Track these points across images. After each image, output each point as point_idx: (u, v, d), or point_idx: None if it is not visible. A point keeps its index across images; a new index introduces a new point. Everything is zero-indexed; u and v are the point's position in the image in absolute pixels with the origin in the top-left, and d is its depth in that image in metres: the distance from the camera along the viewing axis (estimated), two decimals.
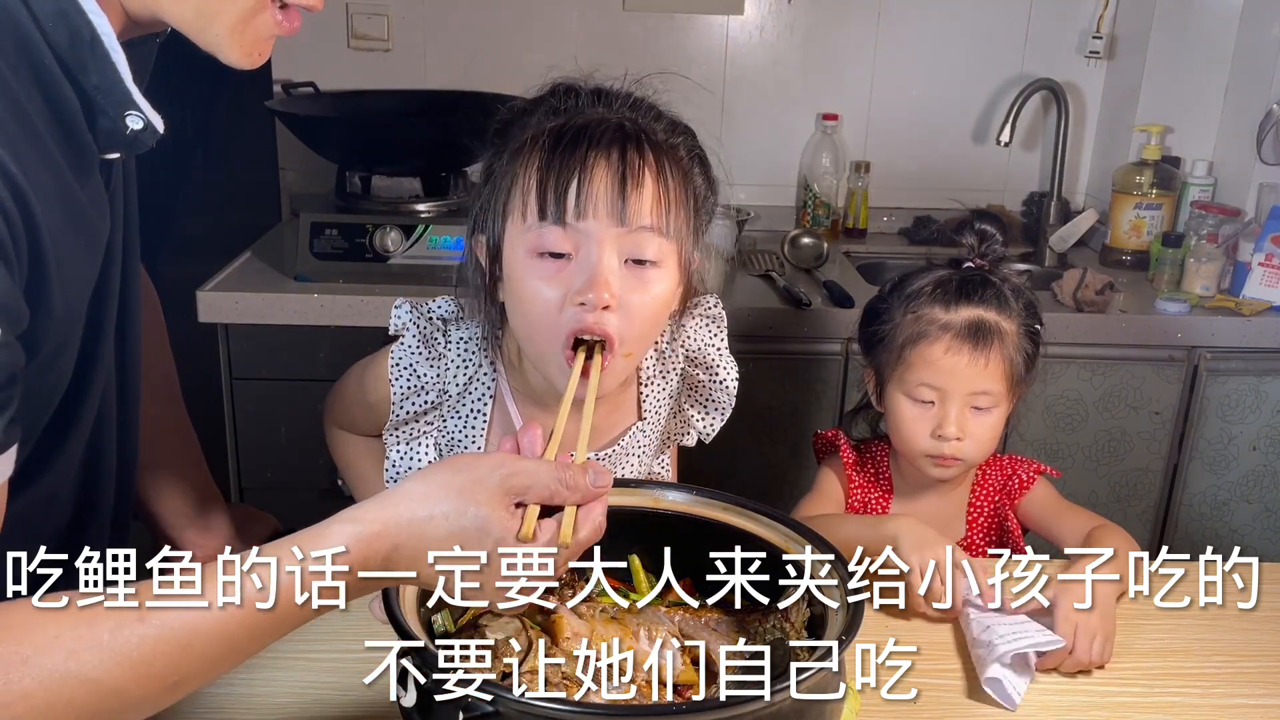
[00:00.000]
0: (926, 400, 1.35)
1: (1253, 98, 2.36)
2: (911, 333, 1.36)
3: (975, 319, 1.34)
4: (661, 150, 1.04)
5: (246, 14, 0.79)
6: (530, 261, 1.02)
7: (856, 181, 2.68)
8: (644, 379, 1.21)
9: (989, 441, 1.36)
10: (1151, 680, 1.12)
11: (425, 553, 0.75)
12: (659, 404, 1.22)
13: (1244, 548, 2.10)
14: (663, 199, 1.02)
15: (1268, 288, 2.22)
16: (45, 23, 0.75)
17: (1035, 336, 1.38)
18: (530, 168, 1.02)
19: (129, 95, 0.80)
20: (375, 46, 2.57)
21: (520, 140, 1.05)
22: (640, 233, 1.01)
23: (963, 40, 2.66)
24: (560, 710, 0.76)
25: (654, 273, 1.04)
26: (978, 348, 1.32)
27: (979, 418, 1.34)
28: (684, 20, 2.63)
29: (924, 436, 1.35)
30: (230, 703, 1.02)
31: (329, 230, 2.13)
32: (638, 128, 1.04)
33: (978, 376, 1.33)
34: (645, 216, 1.01)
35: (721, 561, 0.92)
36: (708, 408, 1.27)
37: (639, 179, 1.01)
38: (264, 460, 2.20)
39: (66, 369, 0.86)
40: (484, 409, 1.17)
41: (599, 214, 1.00)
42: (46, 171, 0.76)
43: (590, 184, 0.99)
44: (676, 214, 1.04)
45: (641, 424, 1.21)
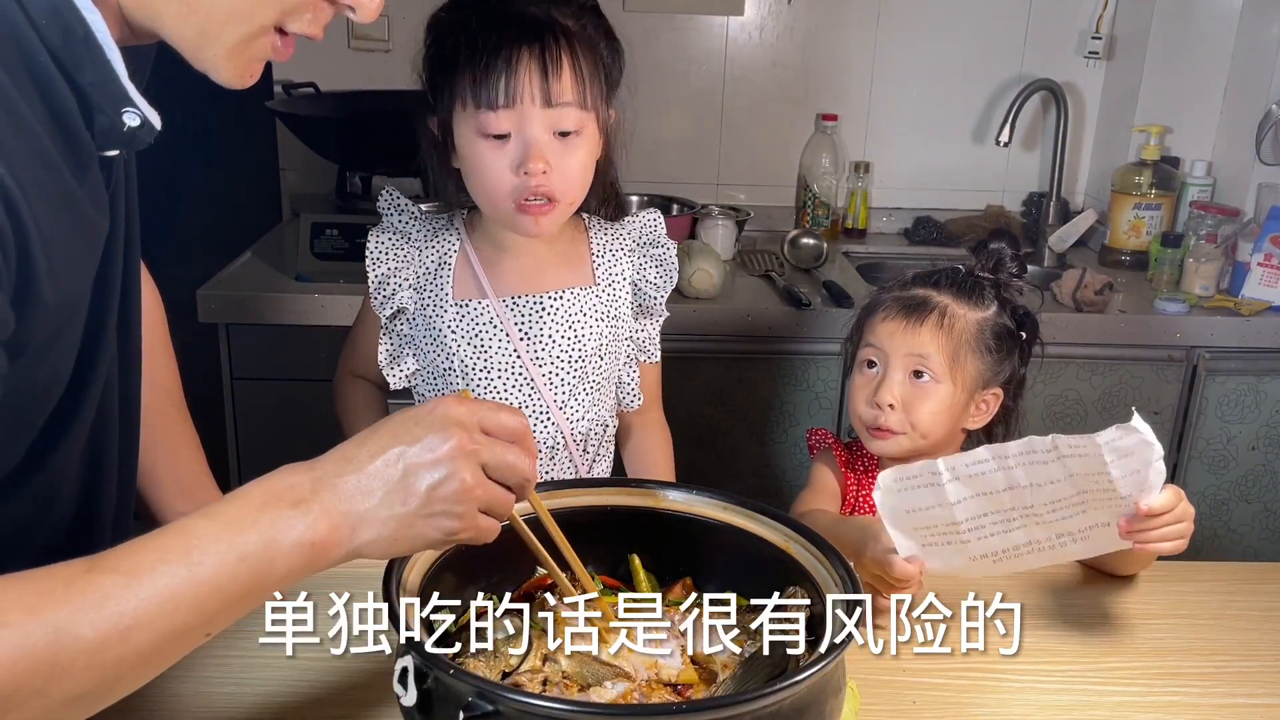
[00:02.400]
0: (870, 367, 1.38)
1: (1252, 98, 2.36)
2: (868, 305, 1.42)
3: (922, 295, 1.38)
4: (572, 35, 1.25)
5: (247, 38, 0.80)
6: (477, 140, 1.26)
7: (856, 181, 2.68)
8: (595, 249, 1.42)
9: (929, 422, 1.35)
10: (1151, 680, 1.12)
11: (352, 469, 0.78)
12: (611, 273, 1.42)
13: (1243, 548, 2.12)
14: (577, 78, 1.24)
15: (1266, 288, 2.22)
16: (39, 20, 0.75)
17: (1010, 340, 1.38)
18: (464, 62, 1.24)
19: (125, 92, 0.80)
20: (375, 47, 2.57)
21: (456, 38, 1.25)
22: (562, 109, 1.24)
23: (962, 40, 2.67)
24: (560, 710, 0.76)
25: (576, 139, 1.27)
26: (912, 314, 1.36)
27: (919, 389, 1.34)
28: (684, 20, 2.63)
29: (864, 404, 1.38)
30: (231, 701, 1.02)
31: (329, 230, 2.13)
32: (551, 19, 1.25)
33: (911, 339, 1.35)
34: (565, 94, 1.24)
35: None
36: (659, 271, 1.45)
37: (557, 64, 1.23)
38: (264, 460, 2.17)
39: (62, 362, 0.86)
40: (449, 260, 1.38)
41: (526, 99, 1.23)
42: (42, 169, 0.76)
43: (517, 76, 1.22)
44: (590, 87, 1.26)
45: (596, 288, 1.40)
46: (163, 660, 0.73)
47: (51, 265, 0.77)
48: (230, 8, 0.78)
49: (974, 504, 1.07)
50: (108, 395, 0.95)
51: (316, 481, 0.77)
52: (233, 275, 2.19)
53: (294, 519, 0.75)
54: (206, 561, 0.72)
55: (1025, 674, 1.11)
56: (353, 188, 2.25)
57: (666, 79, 2.64)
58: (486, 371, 1.36)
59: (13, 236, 0.72)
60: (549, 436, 1.39)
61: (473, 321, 1.36)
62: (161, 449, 1.20)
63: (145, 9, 0.79)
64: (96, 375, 0.92)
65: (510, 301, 1.36)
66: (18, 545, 0.90)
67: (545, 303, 1.36)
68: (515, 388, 1.37)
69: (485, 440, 0.80)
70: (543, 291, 1.37)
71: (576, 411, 1.40)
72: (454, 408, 0.80)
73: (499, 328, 1.35)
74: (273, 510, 0.75)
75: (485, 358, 1.36)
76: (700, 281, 2.14)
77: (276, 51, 0.82)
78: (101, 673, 0.69)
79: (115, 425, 0.99)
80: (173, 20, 0.78)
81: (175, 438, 1.23)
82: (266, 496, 0.76)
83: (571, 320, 1.38)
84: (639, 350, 1.47)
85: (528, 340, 1.36)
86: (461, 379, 1.36)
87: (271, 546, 0.74)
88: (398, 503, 0.78)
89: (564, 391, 1.38)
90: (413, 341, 1.40)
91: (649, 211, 1.47)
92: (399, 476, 0.78)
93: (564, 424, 1.39)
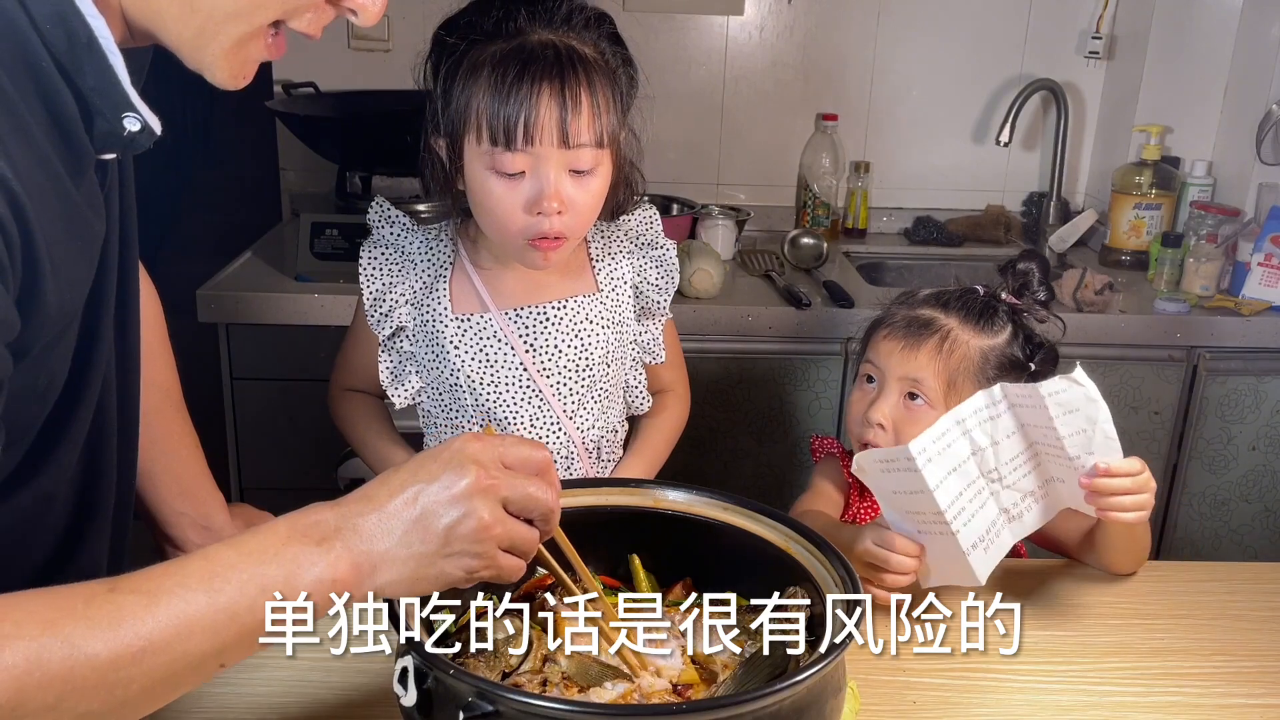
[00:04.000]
0: (869, 382, 1.37)
1: (1252, 98, 2.36)
2: (873, 322, 1.39)
3: (928, 316, 1.34)
4: (591, 66, 1.22)
5: (245, 38, 0.80)
6: (489, 176, 1.22)
7: (856, 181, 2.68)
8: (595, 255, 1.40)
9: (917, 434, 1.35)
10: (1151, 680, 1.12)
11: (374, 508, 0.77)
12: (613, 279, 1.40)
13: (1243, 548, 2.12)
14: (595, 114, 1.21)
15: (1267, 288, 2.22)
16: (42, 25, 0.75)
17: (1016, 372, 1.32)
18: (482, 94, 1.20)
19: (126, 97, 0.80)
20: (375, 47, 2.57)
21: (470, 63, 1.21)
22: (579, 149, 1.21)
23: (963, 40, 2.67)
24: (560, 710, 0.76)
25: (591, 176, 1.24)
26: (912, 336, 1.32)
27: (912, 411, 1.32)
28: (684, 20, 2.63)
29: (858, 419, 1.36)
30: (231, 701, 1.02)
31: (329, 230, 2.13)
32: (570, 49, 1.21)
33: (907, 362, 1.32)
34: (583, 135, 1.20)
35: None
36: (660, 273, 1.43)
37: (576, 102, 1.19)
38: (264, 460, 2.20)
39: (59, 365, 0.86)
40: (445, 273, 1.36)
41: (544, 139, 1.19)
42: (43, 173, 0.76)
43: (536, 115, 1.18)
44: (607, 121, 1.23)
45: (599, 294, 1.38)
46: (173, 688, 0.73)
47: (54, 268, 0.77)
48: (233, 7, 0.78)
49: (952, 483, 1.09)
50: (106, 396, 0.95)
51: (340, 519, 0.77)
52: (233, 275, 2.19)
53: (316, 556, 0.75)
54: (226, 590, 0.72)
55: (1025, 674, 1.11)
56: (353, 188, 2.25)
57: (666, 79, 2.64)
58: (494, 385, 1.34)
59: (19, 238, 0.72)
60: (561, 446, 1.38)
61: (476, 336, 1.34)
62: (161, 449, 1.20)
63: (147, 9, 0.79)
64: (93, 377, 0.92)
65: (512, 314, 1.34)
66: (18, 546, 0.90)
67: (549, 313, 1.35)
68: (524, 400, 1.35)
69: (504, 475, 0.79)
70: (545, 302, 1.35)
71: (587, 420, 1.39)
72: (471, 444, 0.80)
73: (504, 341, 1.34)
74: (296, 545, 0.75)
75: (492, 372, 1.34)
76: (700, 281, 2.14)
77: (269, 49, 0.82)
78: (111, 692, 0.69)
79: (114, 426, 0.99)
80: (174, 21, 0.78)
81: (175, 438, 1.23)
82: (291, 531, 0.76)
83: (577, 329, 1.36)
84: (644, 352, 1.45)
85: (534, 352, 1.34)
86: (469, 394, 1.35)
87: (292, 580, 0.74)
88: (417, 542, 0.77)
89: (573, 401, 1.37)
90: (414, 358, 1.38)
91: (644, 208, 1.44)
92: (417, 516, 0.77)
93: (575, 433, 1.38)
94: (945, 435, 1.08)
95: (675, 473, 1.54)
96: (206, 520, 1.25)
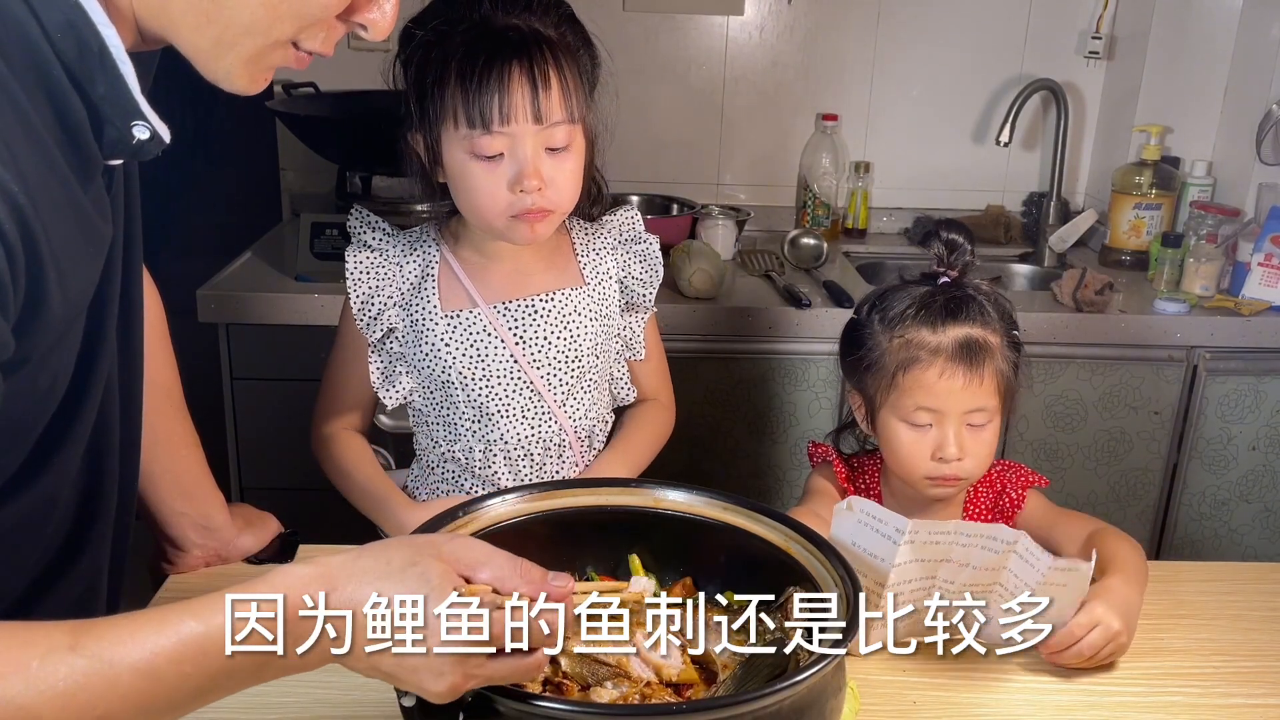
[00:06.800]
0: (924, 424, 1.32)
1: (1252, 98, 2.36)
2: (903, 358, 1.32)
3: (964, 338, 1.30)
4: (556, 46, 1.26)
5: (263, 50, 0.80)
6: (469, 161, 1.26)
7: (856, 181, 2.68)
8: (579, 249, 1.42)
9: (987, 457, 1.34)
10: (1151, 680, 1.12)
11: (365, 597, 0.73)
12: (599, 272, 1.42)
13: (1243, 548, 2.12)
14: (564, 92, 1.25)
15: (1267, 288, 2.22)
16: (54, 34, 0.75)
17: (1018, 344, 1.35)
18: (454, 81, 1.23)
19: (136, 106, 0.81)
20: (375, 47, 2.54)
21: (440, 54, 1.25)
22: (553, 127, 1.25)
23: (963, 40, 2.67)
24: (560, 710, 0.76)
25: (566, 152, 1.27)
26: (971, 367, 1.29)
27: (976, 434, 1.32)
28: (684, 20, 2.63)
29: (924, 460, 1.33)
30: (231, 701, 1.01)
31: (329, 230, 2.13)
32: (534, 30, 1.25)
33: (973, 396, 1.30)
34: (555, 112, 1.24)
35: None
36: (644, 266, 1.45)
37: (546, 80, 1.23)
38: (264, 460, 2.20)
39: (62, 368, 0.86)
40: (431, 272, 1.38)
41: (519, 117, 1.23)
42: (53, 178, 0.76)
43: (510, 95, 1.22)
44: (576, 99, 1.26)
45: (585, 287, 1.40)
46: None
47: (60, 275, 0.77)
48: (248, 21, 0.78)
49: (910, 569, 1.05)
50: (108, 397, 0.96)
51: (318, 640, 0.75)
52: (233, 275, 2.19)
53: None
54: (195, 675, 0.71)
55: (1025, 674, 1.12)
56: (353, 187, 2.25)
57: (666, 79, 2.64)
58: (486, 379, 1.36)
59: (22, 253, 0.72)
60: (554, 435, 1.39)
61: (465, 331, 1.35)
62: (161, 449, 1.20)
63: (162, 18, 0.79)
64: (97, 378, 0.92)
65: (501, 307, 1.36)
66: (19, 547, 0.90)
67: (537, 305, 1.37)
68: (516, 392, 1.36)
69: (482, 669, 0.75)
70: (533, 294, 1.37)
71: (578, 410, 1.40)
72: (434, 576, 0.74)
73: (493, 335, 1.35)
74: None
75: (483, 366, 1.35)
76: (700, 281, 2.14)
77: (296, 60, 0.84)
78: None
79: (116, 427, 0.99)
80: (190, 30, 0.79)
81: (175, 438, 1.23)
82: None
83: (565, 321, 1.38)
84: (625, 348, 1.47)
85: (523, 344, 1.36)
86: (461, 390, 1.36)
87: (261, 676, 0.74)
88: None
89: (564, 391, 1.38)
90: (404, 359, 1.39)
91: (625, 209, 1.47)
92: (388, 672, 0.76)
93: (567, 423, 1.39)
94: (944, 534, 1.05)
95: (675, 473, 1.54)
96: (206, 520, 1.26)
